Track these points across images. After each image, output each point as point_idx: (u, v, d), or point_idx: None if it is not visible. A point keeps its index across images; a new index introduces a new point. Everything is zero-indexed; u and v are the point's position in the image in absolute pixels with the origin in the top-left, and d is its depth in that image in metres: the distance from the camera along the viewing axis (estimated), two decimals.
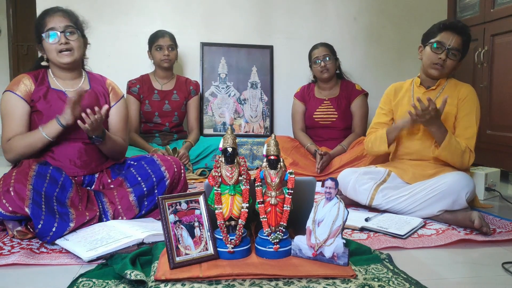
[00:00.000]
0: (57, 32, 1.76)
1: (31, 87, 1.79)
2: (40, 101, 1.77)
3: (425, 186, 1.84)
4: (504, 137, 2.61)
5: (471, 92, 2.00)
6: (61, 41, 1.76)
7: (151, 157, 1.88)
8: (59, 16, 1.79)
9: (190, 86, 3.07)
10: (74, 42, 1.79)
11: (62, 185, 1.66)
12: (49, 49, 1.78)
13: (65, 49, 1.77)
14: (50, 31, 1.76)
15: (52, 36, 1.76)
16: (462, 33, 1.96)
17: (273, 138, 1.35)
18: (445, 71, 1.99)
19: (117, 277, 1.21)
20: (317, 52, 2.90)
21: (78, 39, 1.81)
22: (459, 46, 1.95)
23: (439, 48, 1.96)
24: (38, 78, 1.82)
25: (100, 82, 1.94)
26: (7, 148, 1.75)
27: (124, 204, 1.71)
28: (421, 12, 3.55)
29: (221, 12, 3.40)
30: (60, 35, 1.76)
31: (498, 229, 1.71)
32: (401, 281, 1.20)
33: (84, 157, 1.82)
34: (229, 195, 1.31)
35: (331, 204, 1.31)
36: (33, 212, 1.47)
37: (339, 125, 2.90)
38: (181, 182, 1.86)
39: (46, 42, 1.77)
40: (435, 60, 1.97)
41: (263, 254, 1.32)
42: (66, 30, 1.77)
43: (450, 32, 1.96)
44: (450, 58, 1.96)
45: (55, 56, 1.78)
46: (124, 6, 3.25)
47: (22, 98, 1.76)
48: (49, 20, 1.77)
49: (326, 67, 2.85)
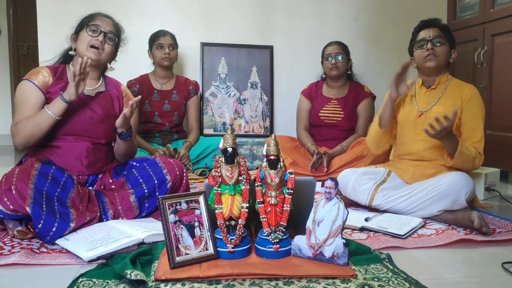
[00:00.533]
0: (101, 30, 1.83)
1: (49, 79, 1.82)
2: (56, 94, 1.77)
3: (425, 186, 1.84)
4: (504, 137, 2.62)
5: (475, 93, 2.00)
6: (99, 38, 1.82)
7: (154, 159, 1.88)
8: (109, 21, 1.89)
9: (190, 86, 3.08)
10: (108, 47, 1.86)
11: (63, 185, 1.66)
12: (84, 40, 1.82)
13: (96, 46, 1.82)
14: (96, 26, 1.83)
15: (95, 31, 1.83)
16: (435, 25, 2.05)
17: (273, 138, 1.35)
18: (440, 58, 2.01)
19: (117, 277, 1.22)
20: (330, 49, 2.90)
21: (112, 48, 1.89)
22: (439, 33, 2.02)
23: (423, 44, 2.03)
24: (57, 72, 1.85)
25: (116, 86, 2.00)
26: (15, 131, 1.74)
27: (125, 205, 1.71)
28: (421, 13, 3.53)
29: (221, 12, 3.41)
30: (101, 34, 1.83)
31: (498, 229, 1.71)
32: (401, 281, 1.20)
33: (91, 156, 1.83)
34: (229, 195, 1.32)
35: (331, 204, 1.31)
36: (34, 211, 1.47)
37: (343, 125, 2.90)
38: (183, 185, 1.86)
39: (84, 32, 1.83)
40: (425, 53, 2.01)
41: (263, 254, 1.32)
42: (109, 33, 1.86)
43: (425, 29, 2.05)
44: (437, 45, 2.00)
45: (84, 48, 1.82)
46: (124, 6, 3.25)
47: (38, 88, 1.78)
48: (99, 19, 1.87)
49: (337, 65, 2.85)
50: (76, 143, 1.81)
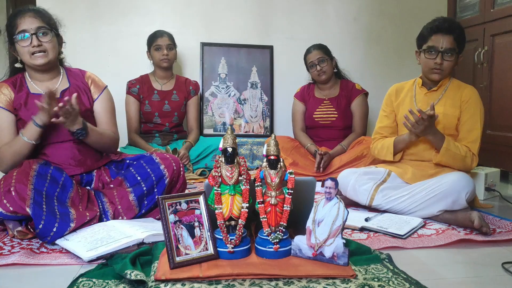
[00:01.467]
0: (29, 34, 1.70)
1: (11, 95, 1.76)
2: (22, 109, 1.75)
3: (425, 187, 1.84)
4: (504, 137, 2.61)
5: (474, 94, 2.00)
6: (34, 43, 1.70)
7: (150, 155, 1.87)
8: (30, 17, 1.72)
9: (190, 86, 3.07)
10: (48, 44, 1.74)
11: (62, 185, 1.66)
12: (22, 51, 1.73)
13: (38, 51, 1.71)
14: (22, 33, 1.70)
15: (24, 39, 1.71)
16: (451, 31, 1.95)
17: (273, 138, 1.35)
18: (445, 72, 1.99)
19: (117, 277, 1.21)
20: (311, 56, 2.88)
21: (52, 39, 1.76)
22: (452, 45, 1.95)
23: (433, 53, 1.97)
24: (16, 85, 1.79)
25: (80, 77, 1.89)
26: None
27: (124, 204, 1.71)
28: (421, 13, 3.55)
29: (221, 12, 3.40)
30: (32, 37, 1.70)
31: (498, 229, 1.71)
32: (401, 281, 1.20)
33: (78, 156, 1.81)
34: (229, 195, 1.32)
35: (331, 204, 1.31)
36: (34, 212, 1.47)
37: (339, 124, 2.90)
38: (180, 180, 1.86)
39: (18, 45, 1.72)
40: (432, 65, 1.98)
41: (263, 254, 1.32)
42: (39, 31, 1.71)
43: (440, 34, 1.95)
44: (446, 59, 1.96)
45: (28, 58, 1.73)
46: (124, 6, 3.25)
47: (4, 109, 1.74)
48: (20, 22, 1.71)
49: (323, 70, 2.84)
50: (60, 146, 1.78)
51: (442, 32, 1.95)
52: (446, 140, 1.88)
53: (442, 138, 1.89)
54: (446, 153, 1.88)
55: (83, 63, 2.12)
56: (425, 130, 1.87)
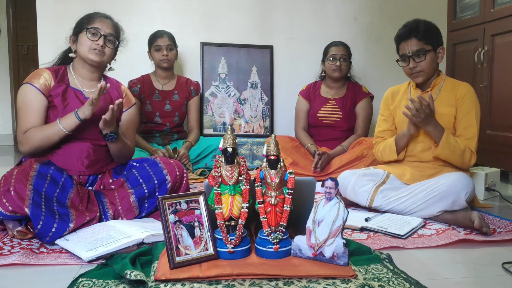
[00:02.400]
0: (101, 33, 1.81)
1: (51, 82, 1.80)
2: (58, 98, 1.78)
3: (425, 187, 1.84)
4: (504, 137, 2.61)
5: (469, 90, 1.99)
6: (99, 42, 1.80)
7: (154, 159, 1.88)
8: (108, 23, 1.86)
9: (191, 87, 3.08)
10: (108, 50, 1.84)
11: (62, 186, 1.66)
12: (85, 43, 1.80)
13: (98, 49, 1.80)
14: (96, 29, 1.81)
15: (95, 34, 1.81)
16: (412, 34, 1.96)
17: (273, 138, 1.35)
18: (425, 72, 1.99)
19: (117, 277, 1.21)
20: (336, 50, 2.89)
21: (113, 50, 1.88)
22: (418, 46, 1.96)
23: (404, 60, 2.01)
24: (58, 74, 1.84)
25: (116, 87, 1.98)
26: (24, 140, 1.75)
27: (125, 205, 1.71)
28: (421, 12, 3.53)
29: (221, 12, 3.40)
30: (101, 38, 1.81)
31: (498, 229, 1.71)
32: (401, 281, 1.20)
33: (92, 156, 1.83)
34: (229, 195, 1.31)
35: (331, 204, 1.31)
36: (33, 212, 1.47)
37: (342, 125, 2.90)
38: (183, 186, 1.86)
39: (84, 36, 1.80)
40: (408, 71, 2.01)
41: (263, 254, 1.32)
42: (108, 36, 1.83)
43: (403, 41, 2.00)
44: (418, 61, 1.96)
45: (86, 51, 1.80)
46: (124, 6, 3.25)
47: (40, 92, 1.77)
48: (98, 21, 1.84)
49: (341, 67, 2.85)
50: (77, 143, 1.80)
51: (404, 39, 2.00)
52: (445, 133, 1.88)
53: (441, 130, 1.89)
54: (446, 145, 1.87)
55: None
56: (426, 120, 1.86)
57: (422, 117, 1.85)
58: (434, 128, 1.89)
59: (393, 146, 2.06)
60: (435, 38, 1.99)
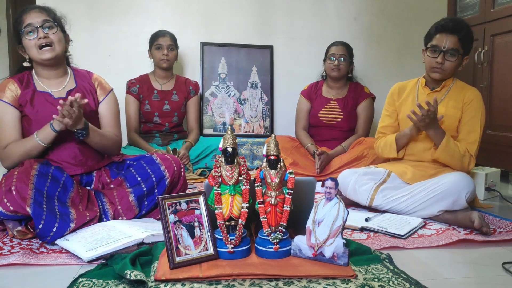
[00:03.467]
0: (35, 27, 1.72)
1: (17, 91, 1.77)
2: (27, 106, 1.76)
3: (425, 187, 1.84)
4: (504, 137, 2.61)
5: (477, 96, 1.99)
6: (40, 36, 1.72)
7: (151, 156, 1.87)
8: (36, 12, 1.75)
9: (190, 86, 3.07)
10: (54, 36, 1.75)
11: (63, 185, 1.66)
12: (29, 45, 1.74)
13: (44, 44, 1.73)
14: (28, 27, 1.72)
15: (32, 32, 1.72)
16: (456, 32, 1.94)
17: (273, 138, 1.35)
18: (446, 72, 1.99)
19: (117, 277, 1.21)
20: (335, 49, 2.89)
21: (57, 33, 1.77)
22: (455, 45, 1.95)
23: (435, 51, 1.98)
24: (23, 81, 1.79)
25: (86, 79, 1.91)
26: (4, 156, 1.75)
27: (124, 204, 1.71)
28: (421, 12, 3.55)
29: (221, 12, 3.40)
30: (38, 30, 1.72)
31: (498, 229, 1.71)
32: (401, 281, 1.20)
33: (80, 156, 1.82)
34: (229, 195, 1.31)
35: (331, 204, 1.31)
36: (35, 212, 1.47)
37: (343, 126, 2.90)
38: (181, 181, 1.86)
39: (25, 39, 1.73)
40: (433, 64, 1.98)
41: (263, 254, 1.32)
42: (44, 24, 1.74)
43: (444, 33, 1.96)
44: (448, 59, 1.96)
45: (35, 53, 1.74)
46: (124, 6, 3.25)
47: (10, 104, 1.74)
48: (26, 17, 1.74)
49: (339, 66, 2.85)
50: (62, 146, 1.79)
51: (446, 32, 1.95)
52: (446, 137, 1.89)
53: (442, 134, 1.89)
54: (445, 149, 1.88)
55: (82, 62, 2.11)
56: (429, 124, 1.87)
57: (427, 122, 1.85)
58: (435, 132, 1.90)
59: (393, 144, 2.07)
60: (470, 46, 2.00)
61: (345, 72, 2.91)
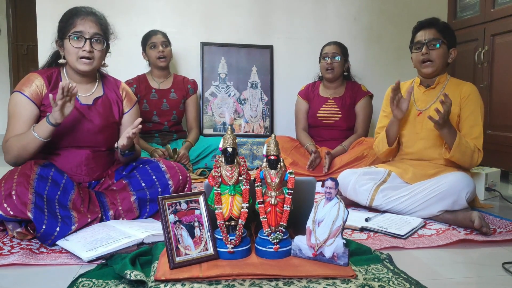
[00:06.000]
0: (84, 38, 1.69)
1: (43, 89, 1.72)
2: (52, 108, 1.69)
3: (425, 187, 1.84)
4: (505, 137, 2.61)
5: (473, 90, 2.00)
6: (85, 48, 1.69)
7: (157, 162, 1.84)
8: (91, 21, 1.72)
9: (188, 85, 3.07)
10: (97, 52, 1.73)
11: (63, 188, 1.64)
12: (71, 51, 1.70)
13: (86, 57, 1.70)
14: (77, 33, 1.69)
15: (79, 39, 1.69)
16: (433, 25, 2.02)
17: (273, 138, 1.35)
18: (436, 63, 2.00)
19: (117, 277, 1.21)
20: (328, 49, 2.89)
21: (102, 49, 1.76)
22: (435, 35, 2.00)
23: (418, 47, 2.03)
24: (51, 81, 1.75)
25: (114, 88, 1.89)
26: (5, 149, 1.70)
27: (125, 205, 1.70)
28: (421, 12, 3.53)
29: (221, 12, 3.40)
30: (86, 42, 1.69)
31: (498, 229, 1.71)
32: (401, 281, 1.20)
33: (92, 164, 1.79)
34: (229, 195, 1.31)
35: (331, 204, 1.31)
36: (36, 216, 1.45)
37: (342, 125, 2.90)
38: (187, 191, 1.83)
39: (68, 43, 1.70)
40: (420, 58, 2.02)
41: (263, 254, 1.32)
42: (94, 37, 1.71)
43: (422, 30, 2.04)
44: (432, 49, 1.99)
45: (74, 60, 1.71)
46: (124, 6, 3.25)
47: (31, 101, 1.69)
48: (80, 23, 1.70)
49: (332, 65, 2.84)
50: (76, 151, 1.76)
51: (423, 28, 2.04)
52: (458, 135, 1.87)
53: (455, 133, 1.87)
54: (458, 148, 1.86)
55: None
56: (444, 123, 1.85)
57: (446, 119, 1.83)
58: (449, 130, 1.87)
59: (384, 137, 2.09)
60: (452, 37, 2.04)
61: (340, 72, 2.90)
